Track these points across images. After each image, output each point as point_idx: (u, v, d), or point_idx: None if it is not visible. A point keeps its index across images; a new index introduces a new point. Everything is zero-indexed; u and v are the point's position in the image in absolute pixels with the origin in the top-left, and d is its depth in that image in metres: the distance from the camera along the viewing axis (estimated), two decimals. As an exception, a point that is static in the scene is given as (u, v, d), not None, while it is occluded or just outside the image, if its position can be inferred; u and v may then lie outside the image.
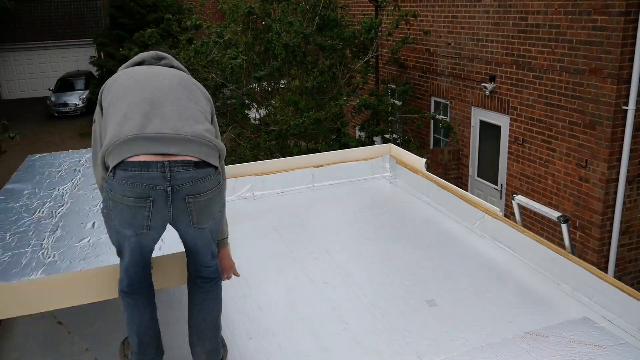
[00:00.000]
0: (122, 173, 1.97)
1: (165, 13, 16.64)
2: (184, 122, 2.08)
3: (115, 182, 1.98)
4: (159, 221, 2.07)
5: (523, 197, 3.46)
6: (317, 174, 4.50)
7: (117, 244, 2.15)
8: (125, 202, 1.99)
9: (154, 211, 2.02)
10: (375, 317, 2.69)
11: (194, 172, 2.03)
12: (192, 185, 2.04)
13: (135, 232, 2.05)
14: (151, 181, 1.97)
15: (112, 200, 2.02)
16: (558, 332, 2.38)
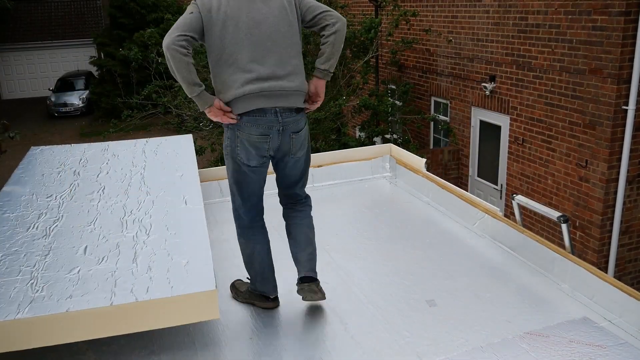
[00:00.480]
0: (248, 118, 2.52)
1: (165, 13, 16.64)
2: (288, 76, 2.58)
3: (243, 124, 2.53)
4: (273, 152, 2.61)
5: (523, 197, 3.46)
6: (317, 174, 4.50)
7: (237, 184, 2.65)
8: (252, 138, 2.53)
9: (271, 144, 2.57)
10: (375, 317, 2.69)
11: (295, 116, 2.62)
12: (294, 125, 2.62)
13: (258, 162, 2.59)
14: (269, 123, 2.54)
15: (239, 138, 2.55)
16: (558, 332, 2.38)
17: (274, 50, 2.55)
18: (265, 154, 2.58)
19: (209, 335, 2.57)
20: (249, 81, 2.50)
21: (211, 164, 9.03)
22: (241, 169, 2.61)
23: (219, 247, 3.50)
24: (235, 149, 2.57)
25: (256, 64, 2.52)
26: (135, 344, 2.52)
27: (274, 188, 4.34)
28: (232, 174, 2.66)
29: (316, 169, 4.49)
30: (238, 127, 2.54)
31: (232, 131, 2.56)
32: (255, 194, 2.70)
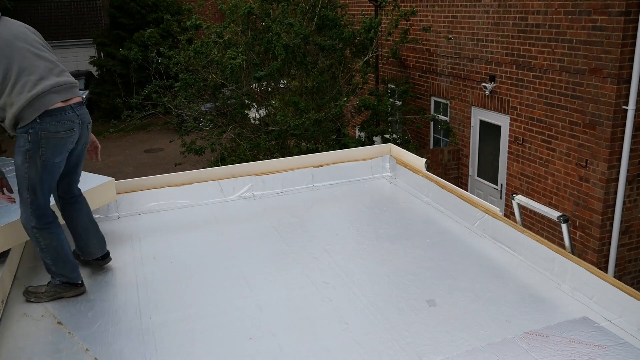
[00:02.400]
0: (50, 118, 2.73)
1: (165, 13, 16.64)
2: (64, 71, 2.89)
3: (46, 124, 2.72)
4: (74, 144, 2.91)
5: (523, 197, 3.46)
6: (317, 174, 4.50)
7: (41, 181, 2.79)
8: (59, 135, 2.78)
9: (74, 138, 2.87)
10: (375, 317, 2.69)
11: (84, 108, 2.96)
12: (87, 116, 2.99)
13: (63, 157, 2.85)
14: (71, 119, 2.83)
15: (44, 138, 2.73)
16: (558, 332, 2.38)
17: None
18: (70, 147, 2.89)
19: (209, 335, 2.57)
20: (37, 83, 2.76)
21: (211, 164, 9.03)
22: (46, 167, 2.79)
23: (219, 247, 3.50)
24: (39, 148, 2.74)
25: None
26: (135, 344, 2.52)
27: (274, 188, 4.37)
28: (35, 174, 2.77)
29: (316, 169, 4.49)
30: (40, 127, 2.73)
31: (35, 132, 2.72)
32: (53, 188, 2.94)
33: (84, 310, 2.81)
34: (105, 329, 2.64)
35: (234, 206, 4.14)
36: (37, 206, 2.82)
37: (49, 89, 2.74)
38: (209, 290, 2.96)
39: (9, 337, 2.60)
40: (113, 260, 3.31)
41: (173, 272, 3.17)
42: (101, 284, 3.08)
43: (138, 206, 4.01)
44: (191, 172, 4.24)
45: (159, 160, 16.27)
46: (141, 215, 3.98)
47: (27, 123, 2.70)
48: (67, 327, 2.66)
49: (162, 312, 2.76)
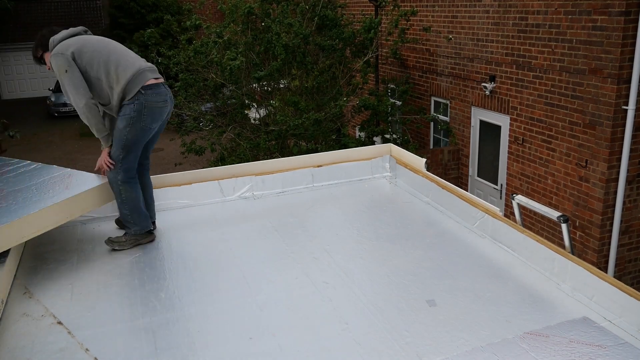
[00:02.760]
0: (151, 91, 3.37)
1: (165, 13, 16.66)
2: (146, 60, 3.55)
3: (149, 95, 3.35)
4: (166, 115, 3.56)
5: (523, 197, 3.46)
6: (317, 174, 4.50)
7: (136, 144, 3.39)
8: (159, 105, 3.41)
9: (168, 109, 3.53)
10: (375, 317, 2.69)
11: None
12: (171, 94, 3.60)
13: (157, 125, 3.48)
14: (165, 92, 3.47)
15: (147, 107, 3.35)
16: (558, 332, 2.38)
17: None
18: (164, 117, 3.51)
19: (209, 335, 2.57)
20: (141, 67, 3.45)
21: (211, 164, 9.03)
22: (144, 131, 3.40)
23: (219, 247, 3.50)
24: (142, 116, 3.35)
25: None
26: (135, 344, 2.52)
27: (274, 188, 4.37)
28: (133, 136, 3.37)
29: (316, 169, 4.49)
30: (145, 97, 3.33)
31: (140, 102, 3.33)
32: (141, 150, 3.52)
33: (83, 310, 2.81)
34: (105, 329, 2.64)
35: (234, 206, 4.14)
36: (127, 163, 3.38)
37: (145, 68, 3.40)
38: (209, 290, 2.96)
39: (9, 337, 2.60)
40: (113, 260, 3.31)
41: (173, 272, 3.17)
42: (101, 284, 3.08)
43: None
44: (191, 172, 4.24)
45: (159, 160, 16.26)
46: (141, 215, 3.98)
47: (133, 95, 3.31)
48: (67, 327, 2.66)
49: (162, 312, 2.76)
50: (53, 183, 3.42)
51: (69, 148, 17.89)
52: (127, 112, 3.33)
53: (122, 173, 3.38)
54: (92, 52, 3.35)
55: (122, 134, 3.34)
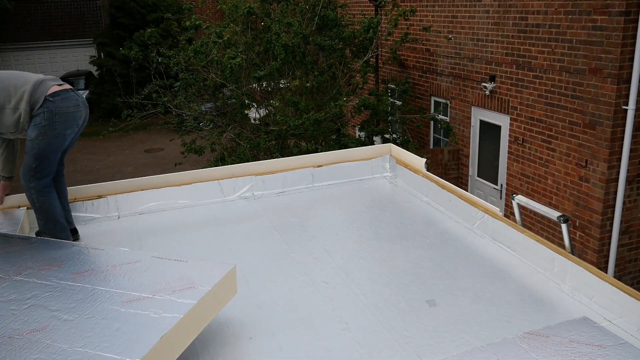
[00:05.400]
0: (59, 97, 3.30)
1: (165, 13, 16.66)
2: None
3: (58, 102, 3.28)
4: (82, 120, 3.47)
5: (523, 197, 3.46)
6: (317, 174, 4.50)
7: (53, 152, 3.29)
8: (70, 110, 3.33)
9: (81, 114, 3.43)
10: (375, 317, 2.69)
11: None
12: (84, 99, 3.55)
13: (72, 131, 3.39)
14: (75, 97, 3.41)
15: (57, 114, 3.26)
16: (558, 332, 2.38)
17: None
18: (79, 123, 3.42)
19: (209, 335, 2.57)
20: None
21: (211, 163, 9.03)
22: (58, 138, 3.31)
23: (219, 247, 3.50)
24: (54, 123, 3.27)
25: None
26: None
27: (274, 188, 4.37)
28: (45, 145, 3.26)
29: (316, 169, 4.49)
30: (54, 104, 3.26)
31: (49, 109, 3.25)
32: (57, 159, 3.42)
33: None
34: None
35: (234, 206, 4.14)
36: (40, 172, 3.29)
37: (43, 79, 3.34)
38: (209, 290, 2.96)
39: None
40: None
41: (173, 272, 3.17)
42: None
43: (138, 206, 4.01)
44: (191, 172, 4.24)
45: (159, 160, 16.27)
46: (141, 215, 3.98)
47: (41, 104, 3.23)
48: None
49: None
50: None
51: (69, 148, 17.86)
52: (37, 122, 3.25)
53: (35, 182, 3.30)
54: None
55: (35, 143, 3.25)
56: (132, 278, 2.53)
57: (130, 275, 2.56)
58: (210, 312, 2.42)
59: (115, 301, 2.33)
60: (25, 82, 3.28)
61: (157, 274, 2.54)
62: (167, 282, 2.46)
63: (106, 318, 2.21)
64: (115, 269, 2.63)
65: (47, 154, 3.29)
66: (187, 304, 2.27)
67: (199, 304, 2.31)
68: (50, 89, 3.30)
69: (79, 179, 13.82)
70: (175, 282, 2.45)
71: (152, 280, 2.48)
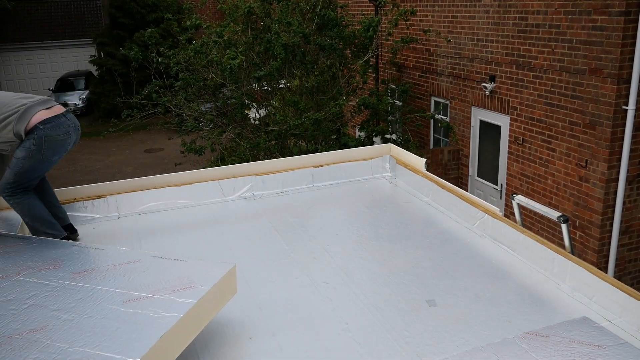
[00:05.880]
0: (50, 125, 3.26)
1: (165, 13, 16.66)
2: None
3: (48, 130, 3.25)
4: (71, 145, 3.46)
5: (523, 197, 3.47)
6: (317, 174, 4.50)
7: (25, 173, 3.27)
8: (59, 138, 3.32)
9: (71, 140, 3.42)
10: (375, 317, 2.69)
11: (71, 114, 3.49)
12: (76, 120, 3.50)
13: (60, 156, 3.39)
14: (65, 123, 3.37)
15: (46, 141, 3.25)
16: (558, 332, 2.38)
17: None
18: (68, 148, 3.42)
19: (209, 335, 2.57)
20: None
21: (211, 164, 9.02)
22: (44, 163, 3.32)
23: (219, 247, 3.50)
24: (42, 150, 3.26)
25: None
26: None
27: (274, 188, 4.37)
28: (29, 166, 3.27)
29: (316, 169, 4.49)
30: (44, 132, 3.24)
31: (39, 137, 3.23)
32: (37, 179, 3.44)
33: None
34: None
35: (234, 206, 4.14)
36: (17, 188, 3.30)
37: (29, 105, 3.27)
38: (209, 290, 2.96)
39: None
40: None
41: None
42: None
43: (138, 206, 4.01)
44: (191, 172, 4.24)
45: (159, 160, 16.26)
46: (141, 215, 3.98)
47: (30, 130, 3.21)
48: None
49: None
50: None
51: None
52: (26, 145, 3.25)
53: (10, 196, 3.32)
54: None
55: (20, 162, 3.26)
56: (132, 277, 2.52)
57: (130, 274, 2.55)
58: (210, 312, 2.41)
59: (115, 301, 2.32)
60: (8, 111, 3.23)
61: (157, 274, 2.52)
62: (167, 281, 2.45)
63: (106, 317, 2.20)
64: (115, 268, 2.62)
65: (28, 175, 3.31)
66: (187, 303, 2.27)
67: (199, 304, 2.29)
68: (37, 116, 3.25)
69: (79, 179, 13.82)
70: (175, 282, 2.43)
71: (152, 280, 2.47)
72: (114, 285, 2.46)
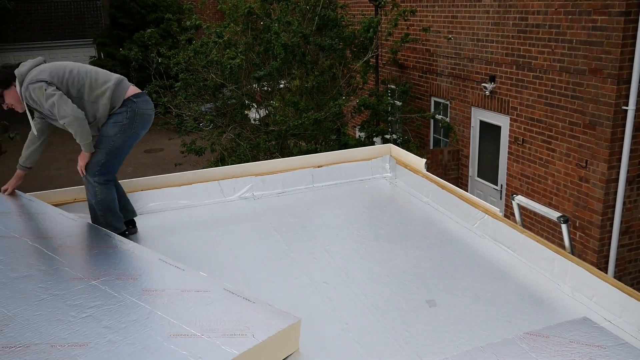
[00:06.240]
0: (141, 98, 3.49)
1: (165, 13, 16.66)
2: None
3: (140, 103, 3.46)
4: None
5: (523, 197, 3.47)
6: (317, 174, 4.50)
7: (124, 150, 3.47)
8: (148, 112, 3.52)
9: (153, 117, 3.59)
10: (375, 317, 2.69)
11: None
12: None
13: (144, 132, 3.56)
14: (150, 100, 3.58)
15: (138, 115, 3.44)
16: (558, 332, 2.38)
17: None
18: (149, 125, 3.57)
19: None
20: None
21: (211, 164, 9.02)
22: (133, 138, 3.48)
23: (219, 247, 3.50)
24: (134, 123, 3.42)
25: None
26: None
27: (274, 188, 4.37)
28: (121, 143, 3.43)
29: (316, 169, 4.49)
30: (137, 105, 3.44)
31: (132, 110, 3.41)
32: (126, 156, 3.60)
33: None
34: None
35: (234, 206, 4.14)
36: (107, 168, 3.43)
37: (123, 78, 3.49)
38: (209, 290, 2.95)
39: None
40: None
41: (173, 272, 3.16)
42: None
43: (138, 206, 4.01)
44: (191, 172, 4.24)
45: (159, 160, 16.27)
46: (141, 215, 3.98)
47: (122, 103, 3.39)
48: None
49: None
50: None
51: (68, 149, 17.85)
52: (119, 120, 3.39)
53: (99, 176, 3.43)
54: (68, 73, 3.36)
55: (111, 140, 3.40)
56: (193, 309, 2.41)
57: (193, 305, 2.45)
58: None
59: (163, 332, 2.24)
60: (106, 79, 3.41)
61: (217, 310, 2.40)
62: (224, 321, 2.32)
63: (145, 349, 2.13)
64: (182, 294, 2.53)
65: (119, 151, 3.45)
66: (228, 353, 2.12)
67: (243, 356, 2.13)
68: (131, 89, 3.47)
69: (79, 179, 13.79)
70: (231, 324, 2.29)
71: (209, 316, 2.35)
72: (172, 314, 2.37)
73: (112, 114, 3.40)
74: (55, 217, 3.43)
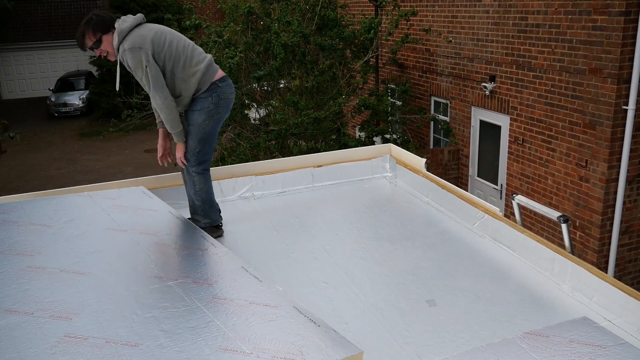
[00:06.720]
0: (225, 83, 3.48)
1: (165, 13, 16.65)
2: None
3: (225, 87, 3.44)
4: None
5: (523, 197, 3.47)
6: (317, 174, 4.50)
7: (213, 137, 3.46)
8: (231, 97, 3.50)
9: (233, 101, 3.60)
10: (375, 317, 2.69)
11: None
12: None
13: (227, 117, 3.57)
14: (232, 84, 3.58)
15: (222, 99, 3.42)
16: (558, 332, 2.38)
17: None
18: (230, 109, 3.56)
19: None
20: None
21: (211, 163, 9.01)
22: (219, 123, 3.46)
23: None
24: (219, 108, 3.40)
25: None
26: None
27: (274, 188, 4.37)
28: (210, 129, 3.41)
29: (316, 169, 4.49)
30: (221, 90, 3.40)
31: (217, 94, 3.38)
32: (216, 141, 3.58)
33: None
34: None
35: (234, 206, 4.14)
36: (204, 155, 3.43)
37: (212, 59, 3.47)
38: (209, 290, 2.95)
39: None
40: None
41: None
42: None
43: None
44: (191, 172, 4.23)
45: (159, 160, 16.26)
46: (141, 215, 3.98)
47: (208, 87, 3.36)
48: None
49: None
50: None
51: (69, 148, 17.88)
52: (205, 105, 3.37)
53: (196, 166, 3.43)
54: (167, 45, 3.30)
55: (201, 127, 3.37)
56: (253, 324, 2.32)
57: (255, 319, 2.36)
58: None
59: (214, 344, 2.17)
60: (199, 60, 3.37)
61: (277, 329, 2.29)
62: (279, 342, 2.20)
63: (189, 359, 2.08)
64: (249, 307, 2.44)
65: (210, 138, 3.43)
66: None
67: None
68: (218, 73, 3.43)
69: (79, 179, 13.81)
70: (285, 347, 2.17)
71: (267, 334, 2.25)
72: (230, 326, 2.29)
73: (197, 97, 3.37)
74: (164, 214, 3.42)
